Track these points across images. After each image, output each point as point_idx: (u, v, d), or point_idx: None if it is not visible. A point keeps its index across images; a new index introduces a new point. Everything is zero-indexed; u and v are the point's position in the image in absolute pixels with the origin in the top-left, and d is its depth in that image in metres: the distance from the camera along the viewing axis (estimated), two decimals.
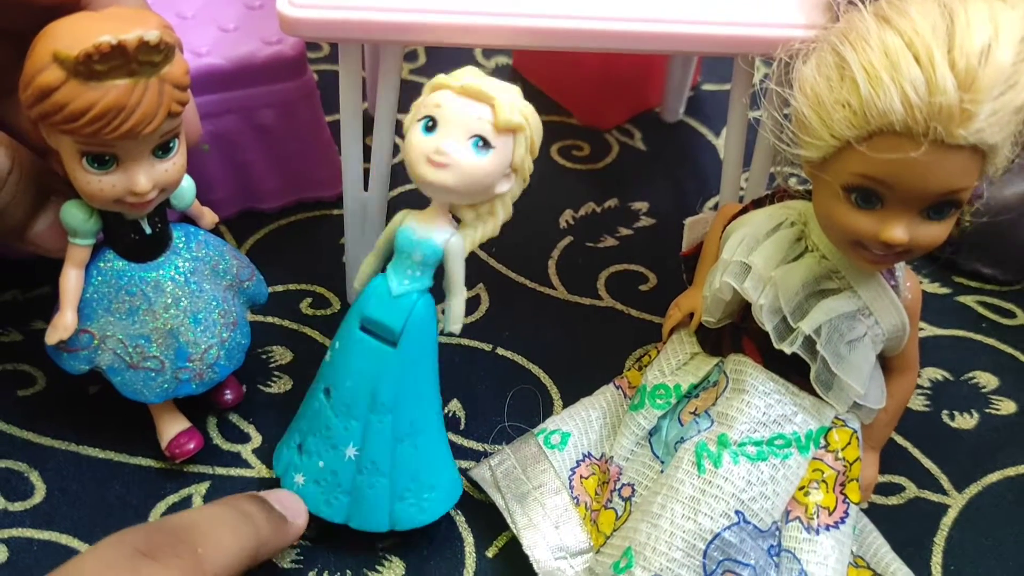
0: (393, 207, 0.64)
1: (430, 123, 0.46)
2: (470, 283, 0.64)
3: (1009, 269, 0.67)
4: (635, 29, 0.49)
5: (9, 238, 0.47)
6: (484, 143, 0.45)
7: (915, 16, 0.40)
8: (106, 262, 0.48)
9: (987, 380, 0.62)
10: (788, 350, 0.47)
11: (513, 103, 0.45)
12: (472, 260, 0.66)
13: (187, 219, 0.52)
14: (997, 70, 0.39)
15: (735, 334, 0.51)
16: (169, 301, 0.48)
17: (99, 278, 0.48)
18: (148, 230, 0.47)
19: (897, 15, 0.41)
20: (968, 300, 0.66)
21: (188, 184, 0.49)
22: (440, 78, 0.46)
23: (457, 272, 0.48)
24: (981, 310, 0.66)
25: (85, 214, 0.46)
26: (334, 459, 0.48)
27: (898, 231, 0.42)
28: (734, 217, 0.52)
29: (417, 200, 0.66)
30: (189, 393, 0.50)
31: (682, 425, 0.50)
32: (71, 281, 0.47)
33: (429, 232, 0.47)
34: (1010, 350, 0.63)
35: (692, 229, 0.55)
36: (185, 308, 0.48)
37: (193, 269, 0.49)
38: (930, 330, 0.64)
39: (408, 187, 0.70)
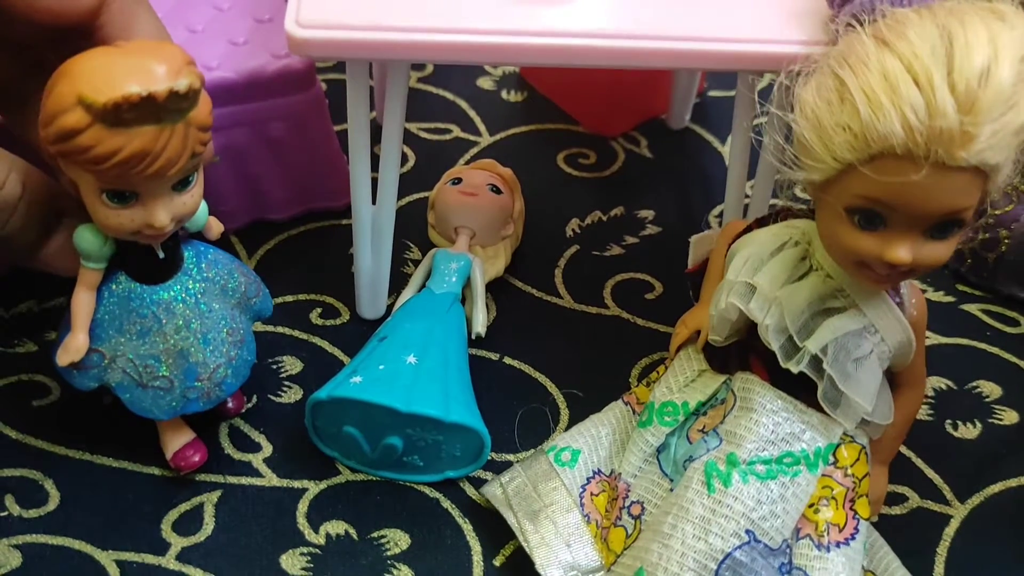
0: (401, 217, 0.65)
1: (456, 180, 0.65)
2: None
3: None
4: (638, 46, 0.49)
5: (20, 259, 0.48)
6: (496, 189, 0.65)
7: (914, 38, 0.41)
8: (118, 284, 0.48)
9: (990, 389, 0.62)
10: (795, 369, 0.47)
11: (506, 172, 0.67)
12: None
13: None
14: (997, 92, 0.39)
15: (742, 352, 0.51)
16: (180, 323, 0.49)
17: (111, 300, 0.48)
18: (162, 255, 0.48)
19: (896, 38, 0.41)
20: (972, 308, 0.67)
21: (202, 207, 0.49)
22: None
23: (480, 284, 0.62)
24: (985, 318, 0.66)
25: (99, 240, 0.46)
26: (395, 361, 0.54)
27: (902, 251, 0.43)
28: (739, 235, 0.52)
29: (424, 211, 0.66)
30: (196, 410, 0.51)
31: (691, 443, 0.50)
32: (83, 303, 0.48)
33: (461, 252, 0.62)
34: (1014, 359, 0.64)
35: (698, 246, 0.56)
36: (195, 330, 0.49)
37: (203, 290, 0.50)
38: (934, 339, 0.65)
39: (415, 196, 0.71)
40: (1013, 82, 0.40)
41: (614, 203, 0.72)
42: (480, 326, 0.61)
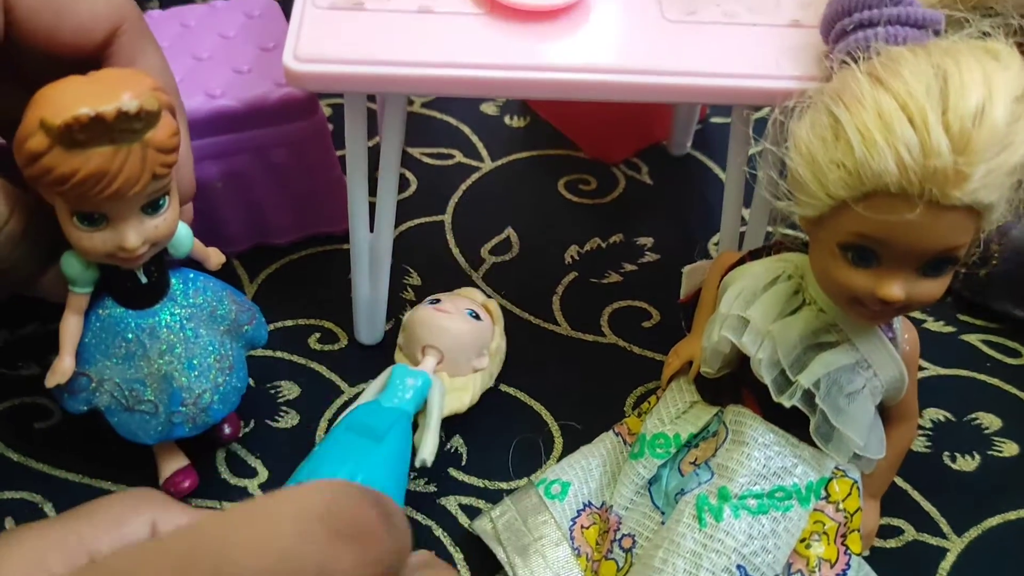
0: (401, 242, 0.65)
1: (435, 299, 0.60)
2: None
3: None
4: (631, 81, 0.49)
5: (20, 289, 0.48)
6: (475, 315, 0.59)
7: (908, 77, 0.41)
8: (104, 309, 0.49)
9: (990, 421, 0.62)
10: (787, 403, 0.47)
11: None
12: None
13: (193, 261, 0.54)
14: (991, 132, 0.39)
15: (734, 384, 0.51)
16: (164, 347, 0.49)
17: (97, 324, 0.49)
18: (143, 279, 0.48)
19: (890, 76, 0.42)
20: (972, 339, 0.67)
21: (185, 232, 0.50)
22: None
23: (437, 406, 0.55)
24: (986, 349, 0.66)
25: (82, 264, 0.47)
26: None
27: (895, 289, 0.43)
28: (732, 267, 0.52)
29: (424, 236, 0.66)
30: (183, 435, 0.51)
31: (682, 475, 0.50)
32: (70, 327, 0.49)
33: (423, 369, 0.57)
34: (1014, 390, 0.64)
35: (690, 277, 0.56)
36: (180, 354, 0.50)
37: (190, 315, 0.50)
38: (933, 369, 0.64)
39: (417, 221, 0.71)
40: (1008, 122, 0.40)
41: (613, 230, 0.72)
42: (428, 454, 0.53)
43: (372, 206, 0.57)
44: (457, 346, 0.57)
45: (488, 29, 0.51)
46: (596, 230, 0.72)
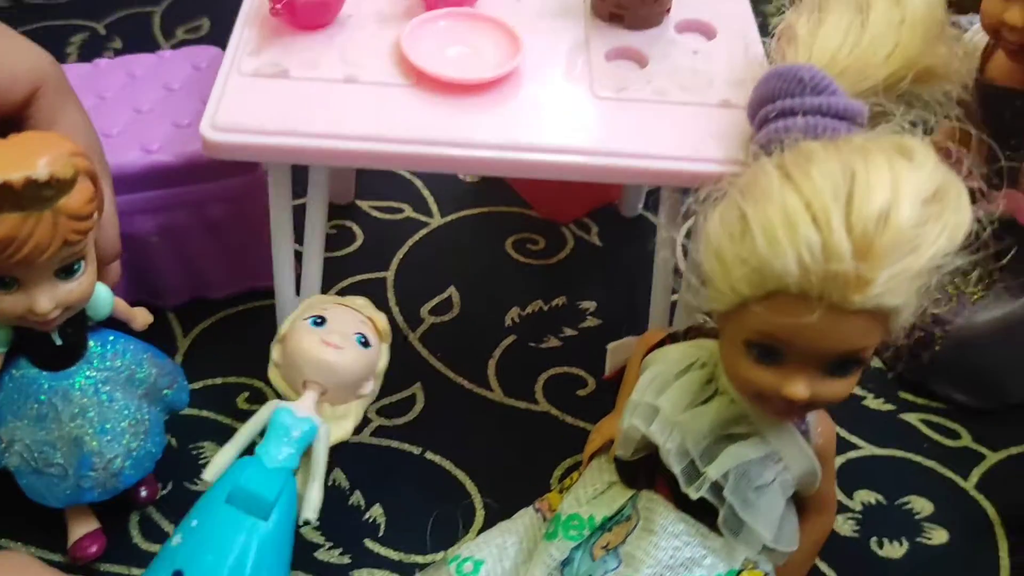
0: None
1: (319, 320, 0.53)
2: (410, 380, 0.65)
3: (984, 396, 0.65)
4: (554, 160, 0.49)
5: None
6: (364, 340, 0.53)
7: (816, 175, 0.40)
8: (18, 369, 0.49)
9: (922, 506, 0.61)
10: (694, 495, 0.46)
11: (381, 319, 0.56)
12: (413, 357, 0.67)
13: (118, 321, 0.53)
14: (895, 236, 0.39)
15: (650, 468, 0.51)
16: (76, 411, 0.49)
17: (10, 384, 0.49)
18: (58, 341, 0.48)
19: (799, 173, 0.41)
20: (912, 418, 0.66)
21: (104, 295, 0.49)
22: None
23: (322, 458, 0.52)
24: (925, 429, 0.65)
25: None
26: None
27: (799, 388, 0.42)
28: (654, 347, 0.52)
29: (364, 293, 0.65)
30: (92, 500, 0.51)
31: (593, 560, 0.49)
32: None
33: (308, 414, 0.51)
34: (950, 474, 0.63)
35: (614, 354, 0.55)
36: (92, 418, 0.49)
37: (106, 379, 0.50)
38: (868, 449, 0.64)
39: (360, 278, 0.71)
40: (914, 225, 0.39)
41: (557, 292, 0.71)
42: (312, 512, 0.50)
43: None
44: (344, 382, 0.53)
45: (414, 101, 0.51)
46: (540, 292, 0.71)
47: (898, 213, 0.39)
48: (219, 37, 0.66)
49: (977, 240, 0.44)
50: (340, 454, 0.60)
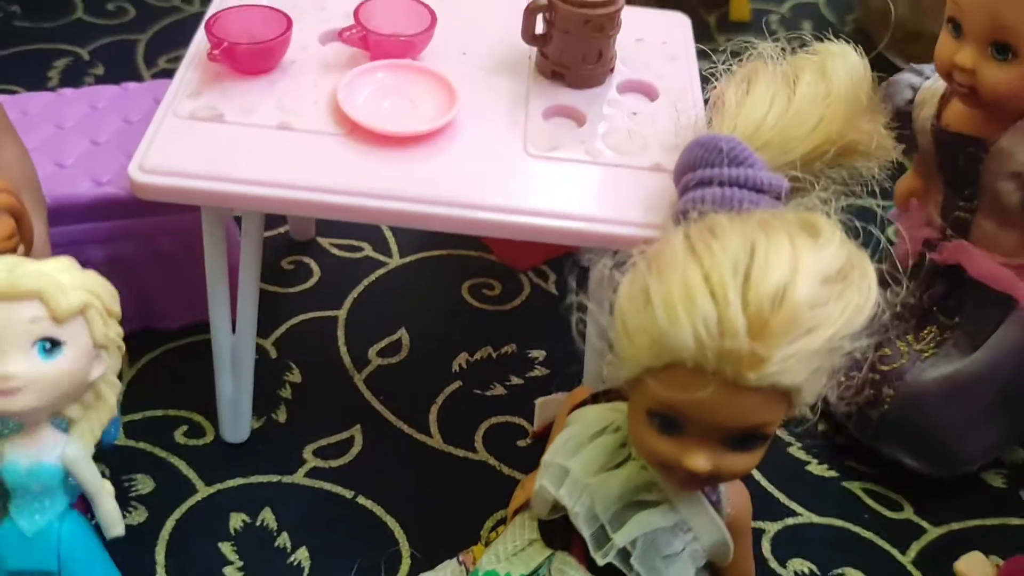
0: (292, 337, 0.65)
1: None
2: (350, 422, 0.65)
3: (933, 461, 0.63)
4: (480, 217, 0.50)
5: None
6: (51, 344, 0.41)
7: (717, 250, 0.40)
8: None
9: None
10: (601, 561, 0.46)
11: (63, 288, 0.41)
12: (356, 399, 0.67)
13: None
14: (791, 316, 0.38)
15: (567, 527, 0.50)
16: None
17: None
18: None
19: (703, 245, 0.41)
20: (854, 487, 0.65)
21: None
22: None
23: (89, 478, 0.45)
24: (866, 499, 0.64)
25: None
26: None
27: (699, 460, 0.42)
28: (579, 405, 0.52)
29: (315, 331, 0.64)
30: None
31: None
32: None
33: (38, 456, 0.44)
34: (887, 547, 0.62)
35: (543, 409, 0.55)
36: None
37: None
38: (806, 516, 0.63)
39: (312, 315, 0.71)
40: (811, 304, 0.39)
41: (508, 339, 0.71)
42: (114, 528, 0.46)
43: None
44: (60, 401, 0.43)
45: (347, 151, 0.51)
46: (490, 338, 0.71)
47: (794, 292, 0.38)
48: None
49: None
50: (270, 492, 0.60)
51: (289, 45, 0.55)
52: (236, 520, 0.59)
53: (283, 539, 0.59)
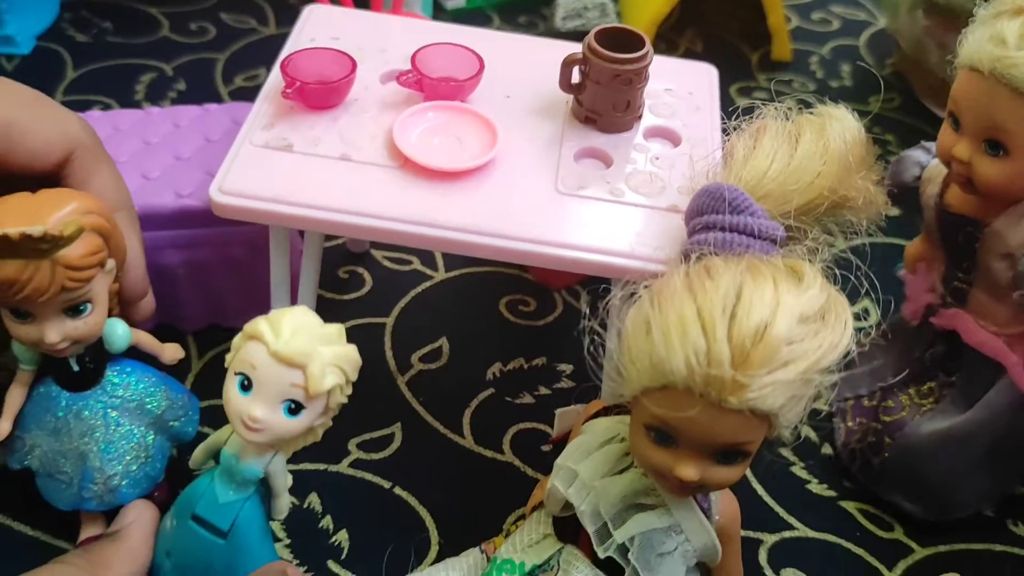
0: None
1: (245, 382, 0.49)
2: (392, 420, 0.72)
3: (929, 507, 0.68)
4: (515, 248, 0.56)
5: None
6: (296, 406, 0.49)
7: (710, 289, 0.46)
8: (45, 386, 0.57)
9: None
10: (602, 554, 0.52)
11: (324, 369, 0.49)
12: (398, 399, 0.73)
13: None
14: (769, 350, 0.44)
15: (577, 524, 0.56)
16: (85, 429, 0.57)
17: (36, 398, 0.57)
18: (75, 368, 0.56)
19: (699, 283, 0.47)
20: (850, 506, 0.70)
21: (121, 332, 0.57)
22: (258, 329, 0.49)
23: (280, 484, 0.54)
24: (860, 518, 0.69)
25: (23, 347, 0.55)
26: None
27: (689, 470, 0.48)
28: (592, 416, 0.58)
29: (364, 336, 0.70)
30: (92, 509, 0.58)
31: None
32: (14, 397, 0.57)
33: (251, 460, 0.53)
34: (876, 564, 0.66)
35: (562, 419, 0.61)
36: (98, 438, 0.57)
37: (116, 404, 0.58)
38: (802, 530, 0.68)
39: (363, 321, 0.78)
40: (788, 341, 0.45)
41: (539, 352, 0.78)
42: (279, 514, 0.56)
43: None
44: (287, 442, 0.52)
45: (398, 182, 0.58)
46: (523, 350, 0.78)
47: (774, 329, 0.44)
48: None
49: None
50: (318, 479, 0.67)
51: (353, 85, 0.62)
52: None
53: (326, 521, 0.66)
